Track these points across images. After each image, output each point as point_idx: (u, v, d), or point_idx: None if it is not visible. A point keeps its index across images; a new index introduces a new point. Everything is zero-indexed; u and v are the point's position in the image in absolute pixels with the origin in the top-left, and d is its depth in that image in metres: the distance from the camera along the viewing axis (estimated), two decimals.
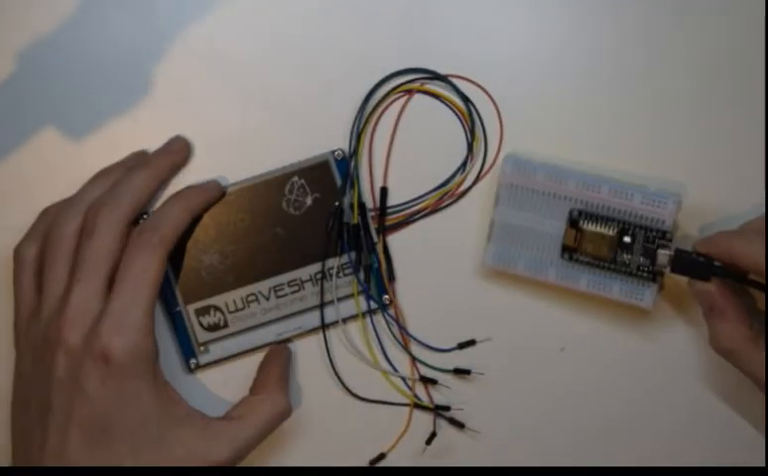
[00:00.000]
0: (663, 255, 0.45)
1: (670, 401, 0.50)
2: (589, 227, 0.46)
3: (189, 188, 0.47)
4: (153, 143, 0.49)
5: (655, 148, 0.49)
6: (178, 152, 0.48)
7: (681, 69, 0.49)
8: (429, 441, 0.49)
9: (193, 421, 0.44)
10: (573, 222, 0.46)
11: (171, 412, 0.43)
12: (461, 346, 0.49)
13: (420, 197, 0.49)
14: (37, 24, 0.49)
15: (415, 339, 0.49)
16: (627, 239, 0.45)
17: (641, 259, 0.45)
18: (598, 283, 0.46)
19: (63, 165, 0.49)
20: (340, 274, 0.49)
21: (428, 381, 0.49)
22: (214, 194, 0.48)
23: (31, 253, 0.46)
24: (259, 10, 0.49)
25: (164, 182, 0.48)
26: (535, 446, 0.50)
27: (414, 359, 0.49)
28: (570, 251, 0.46)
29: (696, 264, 0.45)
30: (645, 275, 0.45)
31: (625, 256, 0.45)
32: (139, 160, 0.48)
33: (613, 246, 0.45)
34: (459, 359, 0.49)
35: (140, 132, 0.49)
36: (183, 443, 0.43)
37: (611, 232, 0.45)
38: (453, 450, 0.50)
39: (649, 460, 0.50)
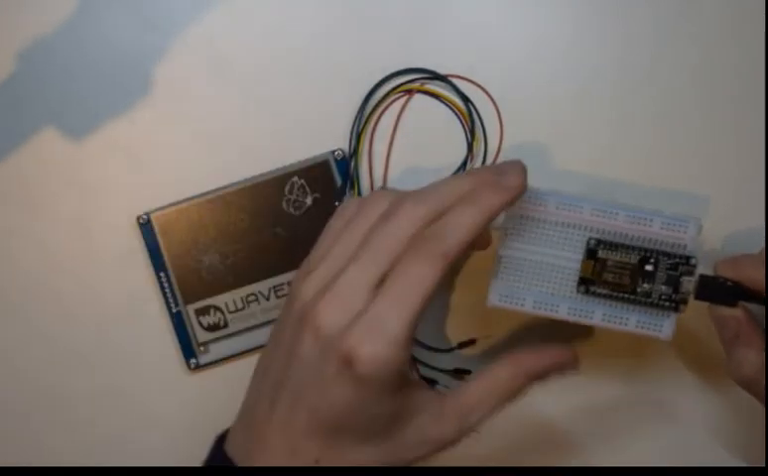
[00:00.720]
0: (687, 282, 0.42)
1: (670, 400, 0.50)
2: (609, 256, 0.42)
3: (484, 188, 0.40)
4: (153, 143, 0.49)
5: (658, 152, 0.49)
6: (513, 190, 0.40)
7: (685, 71, 0.49)
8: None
9: (428, 408, 0.41)
10: (590, 252, 0.42)
11: (405, 407, 0.40)
12: (461, 346, 0.49)
13: None
14: (36, 24, 0.49)
15: (415, 339, 0.49)
16: (649, 267, 0.42)
17: (663, 288, 0.42)
18: (614, 316, 0.43)
19: (62, 165, 0.49)
20: None
21: (428, 381, 0.49)
22: (516, 194, 0.40)
23: (350, 211, 0.42)
24: (259, 10, 0.49)
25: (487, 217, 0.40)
26: (535, 446, 0.50)
27: (414, 359, 0.49)
28: (587, 283, 0.43)
29: (722, 289, 0.42)
30: (667, 304, 0.42)
31: (646, 285, 0.42)
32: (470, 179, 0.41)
33: (635, 275, 0.42)
34: (459, 359, 0.49)
35: (139, 132, 0.49)
36: (415, 431, 0.41)
37: (633, 260, 0.42)
38: (453, 450, 0.50)
39: (649, 460, 0.50)
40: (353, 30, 0.49)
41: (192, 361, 0.49)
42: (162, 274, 0.49)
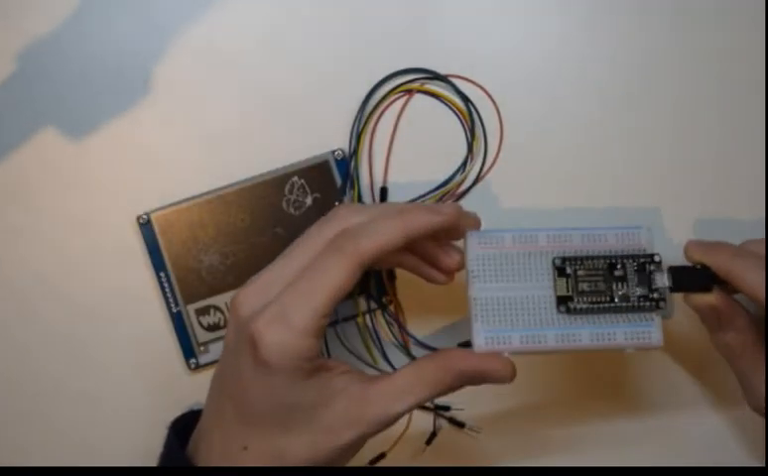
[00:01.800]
0: (659, 277, 0.43)
1: (671, 400, 0.50)
2: (578, 268, 0.43)
3: (417, 207, 0.42)
4: (154, 143, 0.49)
5: (658, 143, 0.49)
6: (442, 214, 0.41)
7: (681, 68, 0.49)
8: (429, 441, 0.49)
9: (350, 393, 0.41)
10: (559, 271, 0.42)
11: (322, 394, 0.40)
12: (461, 346, 0.49)
13: (420, 197, 0.49)
14: (37, 24, 0.49)
15: (415, 339, 0.49)
16: (619, 272, 0.42)
17: (638, 289, 0.42)
18: (601, 333, 0.42)
19: (63, 165, 0.49)
20: None
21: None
22: (449, 221, 0.41)
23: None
24: (259, 10, 0.49)
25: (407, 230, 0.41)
26: (534, 446, 0.50)
27: (414, 359, 0.49)
28: (566, 301, 0.42)
29: (695, 276, 0.43)
30: (647, 305, 0.42)
31: (621, 290, 0.42)
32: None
33: (608, 280, 0.42)
34: None
35: (140, 132, 0.49)
36: (338, 416, 0.40)
37: (601, 266, 0.43)
38: (453, 450, 0.50)
39: (649, 460, 0.50)
40: (353, 30, 0.49)
41: (192, 361, 0.49)
42: (162, 274, 0.49)
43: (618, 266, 0.43)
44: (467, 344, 0.49)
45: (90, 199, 0.50)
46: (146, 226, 0.49)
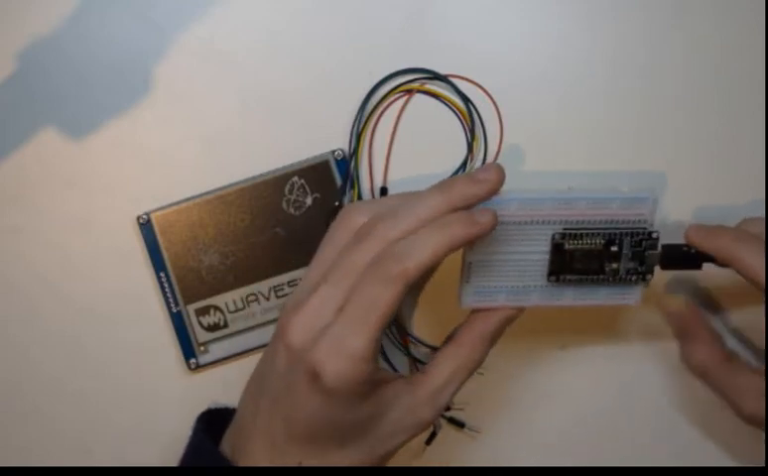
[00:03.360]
0: (652, 255, 0.44)
1: (671, 400, 0.50)
2: (576, 246, 0.44)
3: (454, 216, 0.41)
4: (153, 143, 0.49)
5: (658, 144, 0.49)
6: (482, 226, 0.41)
7: (680, 67, 0.49)
8: (429, 441, 0.49)
9: (401, 401, 0.42)
10: (557, 246, 0.43)
11: (378, 407, 0.42)
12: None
13: None
14: (37, 24, 0.49)
15: (415, 339, 0.49)
16: (615, 248, 0.44)
17: (630, 264, 0.44)
18: (584, 294, 0.45)
19: (63, 165, 0.49)
20: None
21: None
22: (486, 230, 0.41)
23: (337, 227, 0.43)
24: (259, 10, 0.49)
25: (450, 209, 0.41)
26: (535, 446, 0.50)
27: (414, 359, 0.49)
28: (557, 273, 0.44)
29: (685, 257, 0.44)
30: (634, 278, 0.44)
31: (614, 265, 0.44)
32: (444, 188, 0.42)
33: (602, 258, 0.44)
34: None
35: (140, 132, 0.49)
36: (392, 424, 0.42)
37: (598, 245, 0.44)
38: (453, 450, 0.50)
39: (650, 460, 0.50)
40: (353, 30, 0.49)
41: (192, 361, 0.49)
42: (162, 274, 0.49)
43: (616, 242, 0.43)
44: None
45: (90, 199, 0.50)
46: (146, 226, 0.49)
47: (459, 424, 0.49)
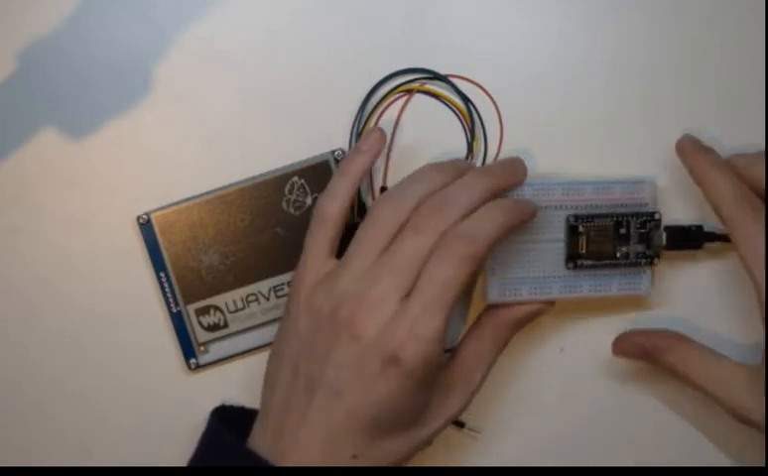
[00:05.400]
0: (657, 236, 0.47)
1: (671, 399, 0.50)
2: (589, 228, 0.46)
3: (507, 200, 0.45)
4: (153, 143, 0.49)
5: (659, 144, 0.49)
6: (518, 174, 0.46)
7: (680, 67, 0.49)
8: (429, 441, 0.49)
9: (440, 387, 0.45)
10: (572, 229, 0.46)
11: (429, 394, 0.44)
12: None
13: None
14: (37, 24, 0.49)
15: None
16: (623, 230, 0.46)
17: (638, 247, 0.47)
18: (599, 285, 0.47)
19: (63, 165, 0.49)
20: None
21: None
22: (530, 215, 0.45)
23: (333, 212, 0.45)
24: (259, 10, 0.49)
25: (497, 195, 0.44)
26: (535, 446, 0.50)
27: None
28: (575, 258, 0.46)
29: (688, 235, 0.47)
30: (643, 261, 0.47)
31: (624, 248, 0.47)
32: (470, 167, 0.47)
33: (613, 240, 0.46)
34: None
35: (140, 132, 0.49)
36: (433, 410, 0.44)
37: (608, 226, 0.46)
38: (453, 450, 0.50)
39: (650, 460, 0.50)
40: (353, 30, 0.49)
41: (192, 361, 0.49)
42: (162, 274, 0.49)
43: (624, 224, 0.46)
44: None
45: (90, 199, 0.50)
46: (146, 226, 0.49)
47: (459, 425, 0.49)
